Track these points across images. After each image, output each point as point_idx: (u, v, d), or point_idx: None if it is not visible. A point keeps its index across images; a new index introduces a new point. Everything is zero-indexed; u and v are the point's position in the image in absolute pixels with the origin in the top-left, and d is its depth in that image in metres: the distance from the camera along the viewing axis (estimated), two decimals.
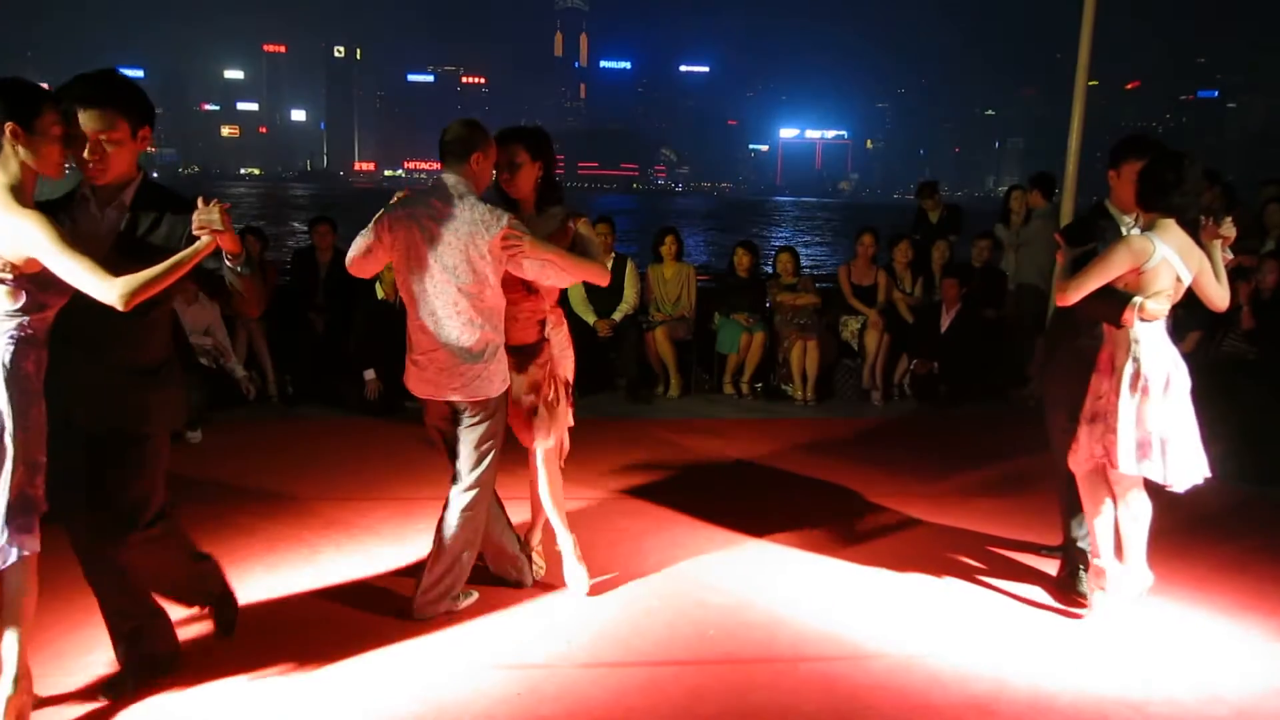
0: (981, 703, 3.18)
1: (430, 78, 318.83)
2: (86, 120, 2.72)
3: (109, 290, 2.57)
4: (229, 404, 6.73)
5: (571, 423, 4.07)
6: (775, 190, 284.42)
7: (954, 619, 3.81)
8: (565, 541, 4.02)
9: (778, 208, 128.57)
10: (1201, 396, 3.59)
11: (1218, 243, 3.55)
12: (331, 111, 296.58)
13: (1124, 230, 3.76)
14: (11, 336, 2.63)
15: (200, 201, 2.76)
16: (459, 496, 3.68)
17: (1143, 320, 3.44)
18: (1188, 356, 3.56)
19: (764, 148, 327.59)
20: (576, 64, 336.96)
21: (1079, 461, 3.68)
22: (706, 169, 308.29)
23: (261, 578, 4.02)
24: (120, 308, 2.59)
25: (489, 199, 3.56)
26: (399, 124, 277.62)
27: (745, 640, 3.60)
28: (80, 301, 2.65)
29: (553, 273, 3.57)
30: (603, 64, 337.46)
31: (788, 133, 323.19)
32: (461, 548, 3.68)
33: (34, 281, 2.60)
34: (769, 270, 8.48)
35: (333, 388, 7.18)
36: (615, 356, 7.83)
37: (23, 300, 2.61)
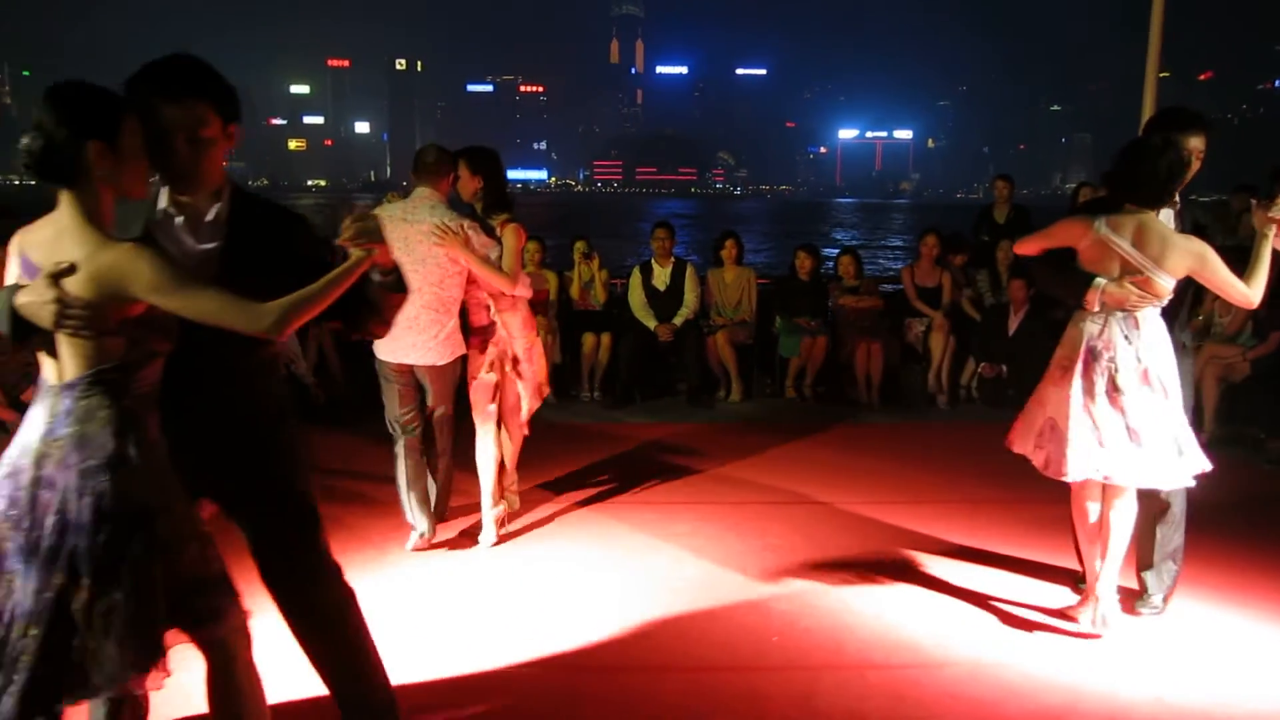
0: (1055, 713, 3.10)
1: (489, 87, 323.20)
2: (172, 116, 2.19)
3: (260, 320, 2.09)
4: (297, 410, 6.87)
5: (544, 393, 4.89)
6: (835, 192, 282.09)
7: (1026, 628, 3.72)
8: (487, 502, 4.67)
9: (838, 210, 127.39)
10: None
11: (1270, 230, 3.32)
12: (394, 123, 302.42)
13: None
14: (121, 396, 2.10)
15: (350, 212, 2.36)
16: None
17: (1107, 304, 3.40)
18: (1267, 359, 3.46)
19: (823, 149, 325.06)
20: (633, 70, 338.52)
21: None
22: (765, 172, 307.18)
23: None
24: (276, 337, 2.17)
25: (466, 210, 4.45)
26: (459, 133, 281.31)
27: (809, 646, 3.57)
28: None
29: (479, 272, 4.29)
30: (659, 69, 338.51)
31: (847, 134, 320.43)
32: (442, 480, 4.65)
33: (140, 325, 2.10)
34: (831, 273, 8.41)
35: None
36: (676, 361, 7.84)
37: (126, 350, 2.10)
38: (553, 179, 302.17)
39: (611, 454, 6.13)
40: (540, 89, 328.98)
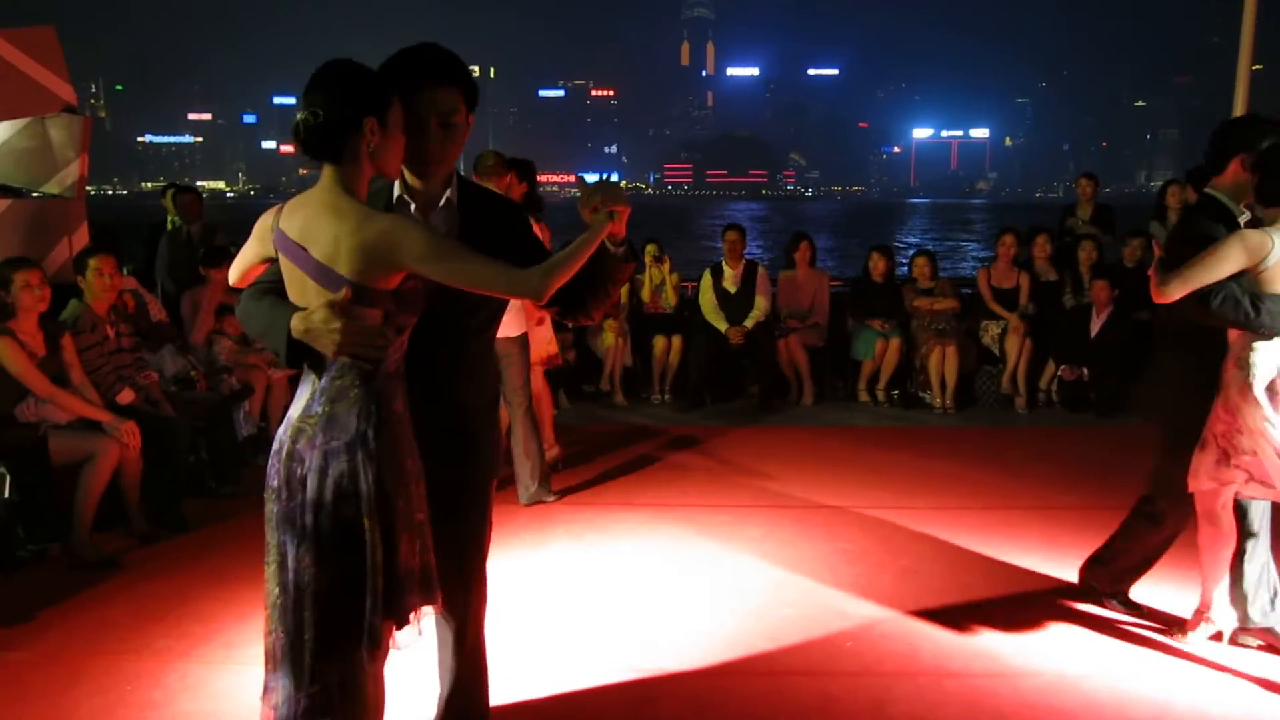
0: None
1: (561, 92, 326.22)
2: (430, 100, 2.25)
3: (526, 283, 2.09)
4: None
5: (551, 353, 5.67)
6: (909, 192, 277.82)
7: (1111, 640, 3.61)
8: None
9: (913, 210, 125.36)
10: None
11: None
12: None
13: (1241, 222, 3.38)
14: (372, 376, 2.12)
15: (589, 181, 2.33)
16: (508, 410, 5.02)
17: None
18: None
19: (896, 149, 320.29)
20: (703, 72, 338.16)
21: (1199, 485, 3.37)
22: (837, 173, 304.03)
23: None
24: (540, 300, 2.18)
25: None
26: (531, 138, 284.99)
27: (883, 652, 3.52)
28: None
29: None
30: (730, 71, 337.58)
31: (921, 133, 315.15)
32: (524, 445, 5.07)
33: (395, 299, 2.13)
34: (905, 274, 8.29)
35: None
36: (747, 364, 7.81)
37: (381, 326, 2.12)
38: (623, 182, 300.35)
39: (682, 457, 6.14)
40: (611, 93, 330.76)
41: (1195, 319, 3.28)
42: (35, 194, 5.65)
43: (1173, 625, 3.65)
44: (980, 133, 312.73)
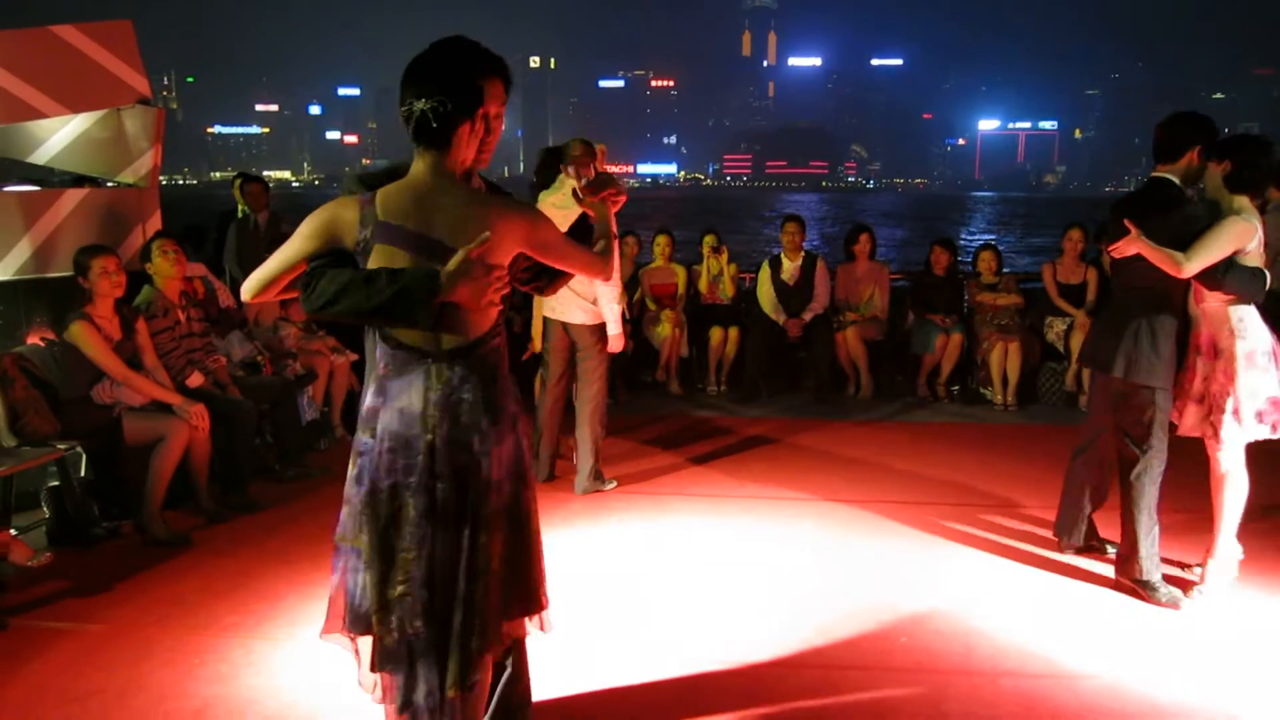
0: None
1: (621, 83, 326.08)
2: (493, 94, 2.28)
3: (600, 262, 2.34)
4: None
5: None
6: (974, 185, 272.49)
7: (1176, 645, 3.53)
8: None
9: (976, 204, 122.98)
10: None
11: None
12: (528, 120, 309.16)
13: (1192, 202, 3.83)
14: (501, 360, 2.23)
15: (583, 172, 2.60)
16: (578, 398, 5.21)
17: None
18: None
19: (961, 141, 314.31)
20: (765, 63, 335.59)
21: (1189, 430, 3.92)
22: (899, 164, 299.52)
23: None
24: (608, 278, 2.41)
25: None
26: (591, 128, 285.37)
27: (940, 650, 3.48)
28: None
29: None
30: (791, 61, 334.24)
31: (987, 124, 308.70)
32: (590, 434, 5.12)
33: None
34: (968, 268, 8.15)
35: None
36: (805, 356, 7.76)
37: (499, 314, 2.22)
38: (682, 173, 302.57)
39: (738, 448, 6.13)
40: (671, 83, 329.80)
41: (1211, 289, 3.68)
42: (111, 183, 5.84)
43: (1185, 584, 3.88)
44: (1048, 125, 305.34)
